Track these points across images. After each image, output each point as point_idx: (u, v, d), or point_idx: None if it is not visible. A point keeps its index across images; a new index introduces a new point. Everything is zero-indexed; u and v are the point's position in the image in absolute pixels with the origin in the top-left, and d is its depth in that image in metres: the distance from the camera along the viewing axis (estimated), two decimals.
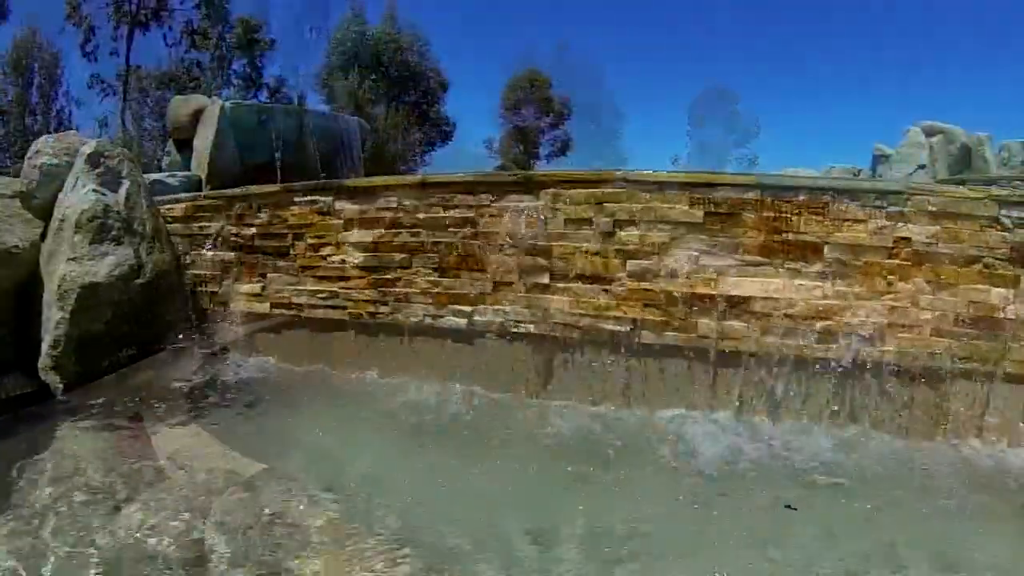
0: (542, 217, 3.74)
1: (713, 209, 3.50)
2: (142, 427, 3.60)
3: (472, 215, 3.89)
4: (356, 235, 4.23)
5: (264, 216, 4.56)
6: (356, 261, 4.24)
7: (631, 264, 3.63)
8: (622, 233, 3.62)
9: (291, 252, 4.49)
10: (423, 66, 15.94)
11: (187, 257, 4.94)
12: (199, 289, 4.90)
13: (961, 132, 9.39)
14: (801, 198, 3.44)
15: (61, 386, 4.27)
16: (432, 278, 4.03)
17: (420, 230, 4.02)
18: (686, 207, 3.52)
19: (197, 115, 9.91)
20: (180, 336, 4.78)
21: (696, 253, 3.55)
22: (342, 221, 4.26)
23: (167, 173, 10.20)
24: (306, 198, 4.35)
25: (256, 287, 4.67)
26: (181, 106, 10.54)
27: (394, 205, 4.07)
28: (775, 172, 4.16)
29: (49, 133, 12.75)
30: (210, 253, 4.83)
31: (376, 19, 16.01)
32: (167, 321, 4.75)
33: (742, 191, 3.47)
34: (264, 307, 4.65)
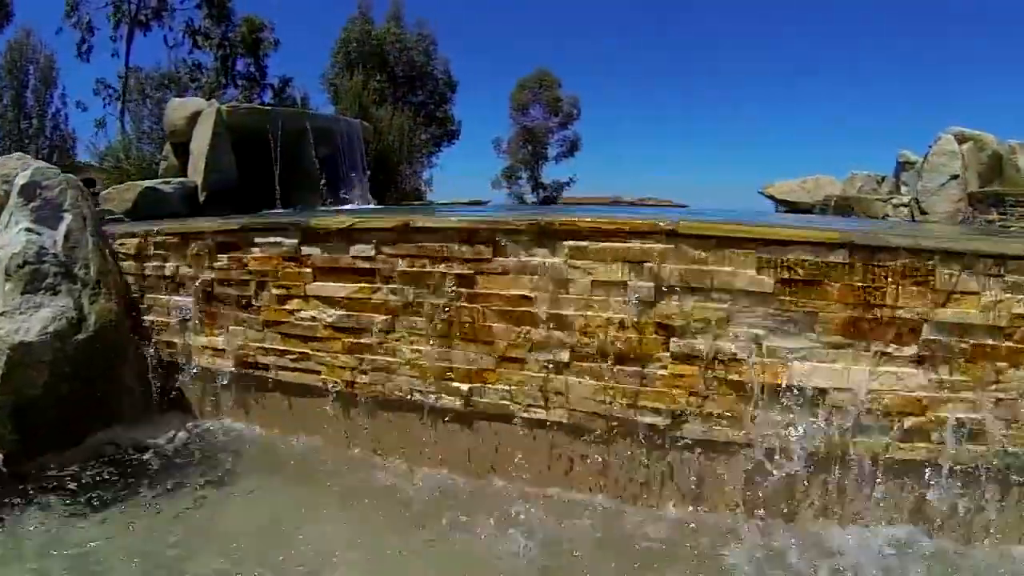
0: (561, 277, 2.71)
1: (787, 275, 2.47)
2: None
3: (468, 271, 2.85)
4: (327, 288, 3.21)
5: (223, 259, 3.54)
6: (328, 319, 3.23)
7: (676, 343, 2.61)
8: (666, 302, 2.60)
9: (254, 303, 3.48)
10: (430, 66, 14.79)
11: (143, 302, 3.94)
12: (157, 339, 3.90)
13: (992, 139, 8.21)
14: (899, 263, 2.43)
15: (1, 457, 3.34)
16: (419, 347, 3.02)
17: (404, 287, 3.00)
18: (752, 272, 2.49)
19: (194, 118, 8.97)
20: (134, 395, 3.83)
21: (761, 331, 2.53)
22: (310, 270, 3.24)
23: (161, 180, 9.22)
24: (268, 239, 3.33)
25: (217, 340, 3.67)
26: (178, 108, 9.59)
27: (371, 253, 3.05)
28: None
29: (44, 136, 11.86)
30: (166, 298, 3.84)
31: (383, 18, 14.89)
32: (117, 379, 3.78)
33: (826, 252, 2.45)
34: (227, 364, 3.66)
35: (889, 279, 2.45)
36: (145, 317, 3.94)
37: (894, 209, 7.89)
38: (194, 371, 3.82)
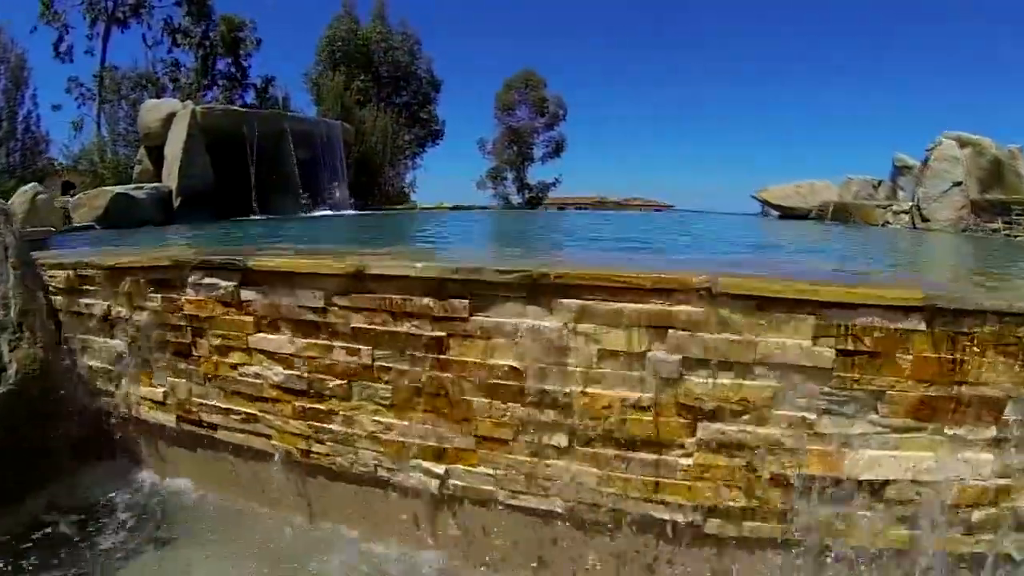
0: (559, 345, 2.05)
1: (852, 345, 1.84)
2: None
3: (438, 332, 2.19)
4: (271, 341, 2.53)
5: (156, 299, 2.86)
6: (275, 379, 2.55)
7: (704, 428, 1.97)
8: (694, 379, 1.95)
9: (193, 352, 2.81)
10: (414, 65, 13.99)
11: (76, 344, 3.25)
12: (92, 387, 3.22)
13: (991, 143, 7.63)
14: (987, 329, 1.81)
15: None
16: (382, 418, 2.35)
17: (359, 346, 2.33)
18: (807, 341, 1.85)
19: (169, 120, 8.28)
20: (68, 452, 3.16)
21: (813, 415, 1.89)
22: (252, 318, 2.56)
23: (134, 185, 8.54)
24: (203, 281, 2.65)
25: (157, 392, 3.00)
26: (152, 110, 8.90)
27: (319, 304, 2.38)
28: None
29: (16, 138, 10.99)
30: (100, 341, 3.15)
31: (368, 17, 14.05)
32: (48, 434, 3.10)
33: (900, 317, 1.81)
34: (170, 419, 2.99)
35: (974, 348, 1.84)
36: (79, 361, 3.26)
37: (894, 216, 7.29)
38: (134, 425, 3.15)
